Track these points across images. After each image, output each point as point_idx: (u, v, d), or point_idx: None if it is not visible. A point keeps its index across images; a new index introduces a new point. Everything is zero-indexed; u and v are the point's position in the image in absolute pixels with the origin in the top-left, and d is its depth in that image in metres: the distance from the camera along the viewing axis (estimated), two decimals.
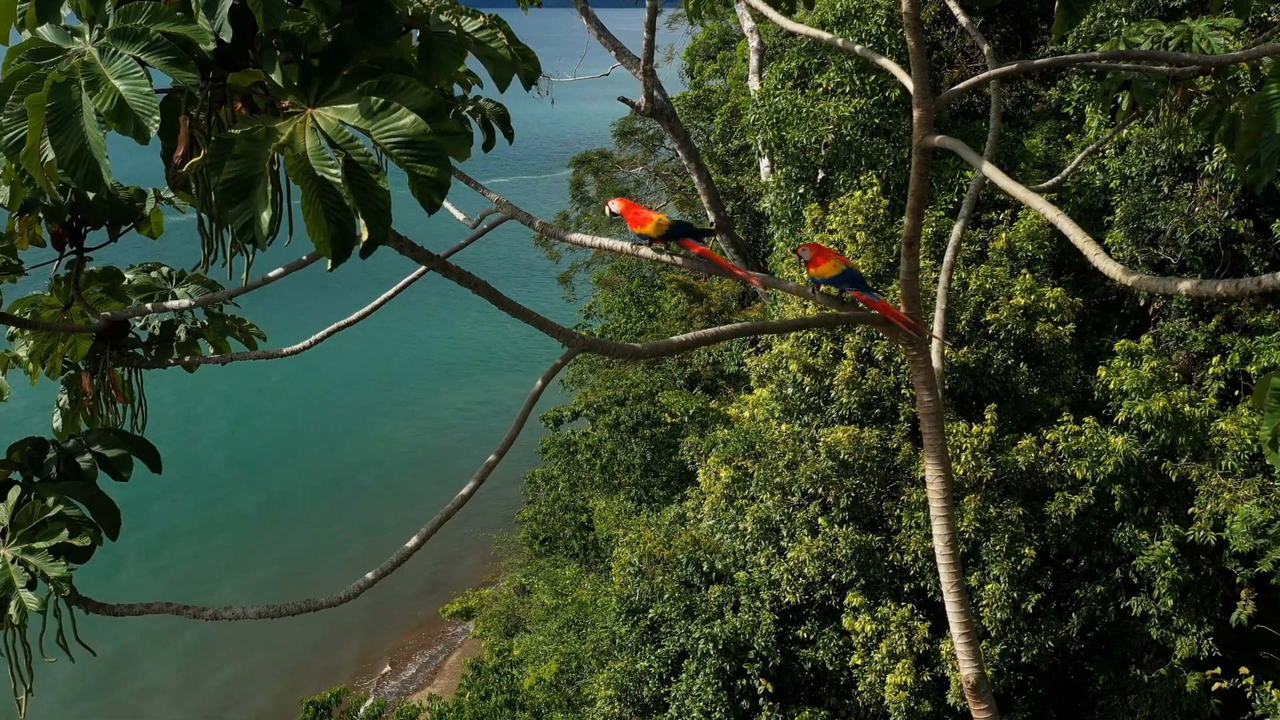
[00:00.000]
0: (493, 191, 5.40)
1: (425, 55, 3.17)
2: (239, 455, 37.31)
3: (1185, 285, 3.28)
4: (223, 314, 5.22)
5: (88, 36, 2.71)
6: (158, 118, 2.59)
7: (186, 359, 5.09)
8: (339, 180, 2.59)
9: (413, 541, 3.56)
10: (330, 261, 2.71)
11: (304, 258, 3.33)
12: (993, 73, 5.16)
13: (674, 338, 4.24)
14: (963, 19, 6.66)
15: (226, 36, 2.71)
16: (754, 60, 22.41)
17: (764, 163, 19.92)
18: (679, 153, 20.47)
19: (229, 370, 40.76)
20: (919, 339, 5.59)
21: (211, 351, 5.29)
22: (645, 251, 5.15)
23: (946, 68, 17.38)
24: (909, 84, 4.95)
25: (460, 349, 46.68)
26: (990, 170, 4.09)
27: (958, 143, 4.30)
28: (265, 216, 2.60)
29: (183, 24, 2.63)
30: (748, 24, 22.42)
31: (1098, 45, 14.23)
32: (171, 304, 4.26)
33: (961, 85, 5.14)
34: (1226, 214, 14.62)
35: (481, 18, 3.40)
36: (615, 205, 5.46)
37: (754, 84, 20.79)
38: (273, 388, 41.44)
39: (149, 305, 4.36)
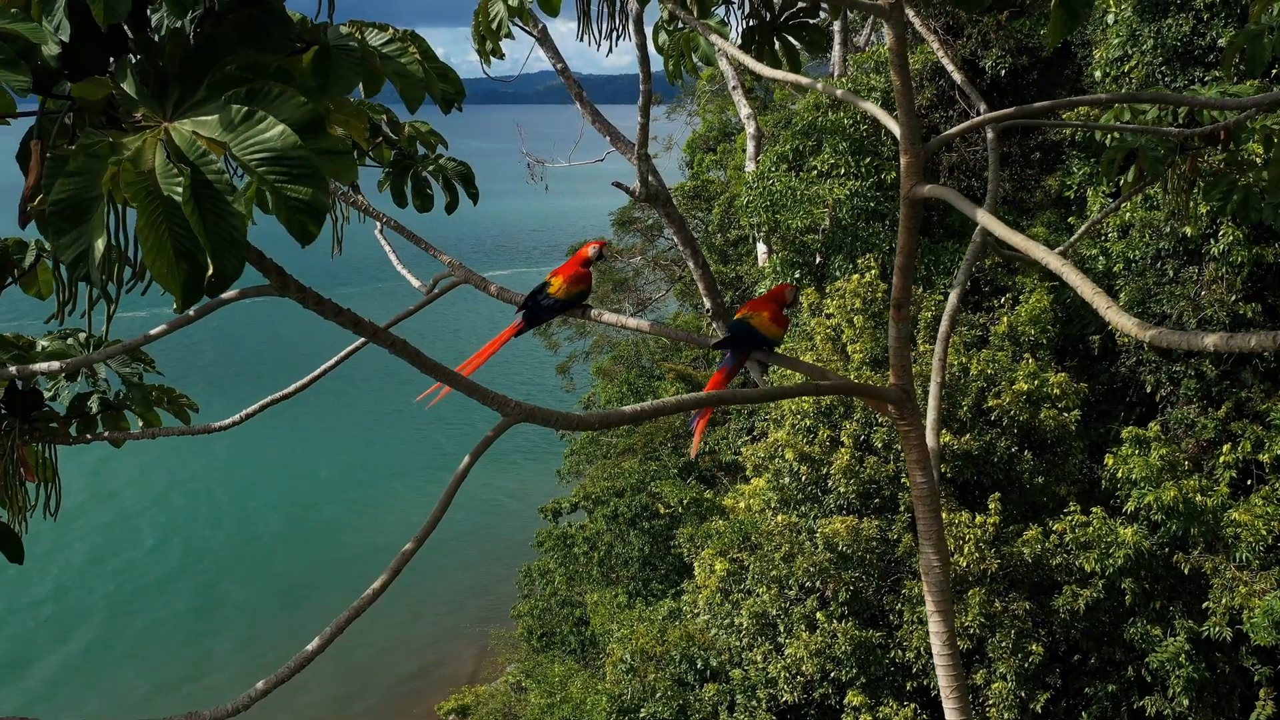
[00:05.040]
0: (445, 254, 5.02)
1: (321, 69, 2.78)
2: (198, 549, 36.37)
3: (1211, 339, 2.86)
4: (143, 384, 4.79)
5: None
6: None
7: (104, 435, 4.65)
8: (182, 200, 2.17)
9: (313, 645, 3.07)
10: (178, 301, 2.27)
11: (190, 312, 2.89)
12: (989, 116, 4.80)
13: (626, 407, 3.81)
14: (957, 76, 6.34)
15: (65, 35, 2.33)
16: (751, 147, 22.29)
17: (761, 248, 19.68)
18: (675, 238, 20.22)
19: (188, 456, 40.47)
20: (909, 413, 5.13)
21: (141, 425, 4.86)
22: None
23: (945, 151, 17.14)
24: (895, 129, 4.57)
25: (453, 442, 45.93)
26: (986, 219, 3.69)
27: (950, 191, 3.91)
28: (100, 246, 2.18)
29: (17, 20, 2.25)
30: (744, 110, 22.34)
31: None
32: (37, 366, 3.77)
33: (955, 130, 4.76)
34: (1234, 298, 14.26)
35: (391, 30, 3.02)
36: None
37: (750, 169, 20.64)
38: (244, 480, 40.72)
39: (12, 369, 3.88)
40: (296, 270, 3.04)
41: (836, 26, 22.78)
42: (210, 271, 2.22)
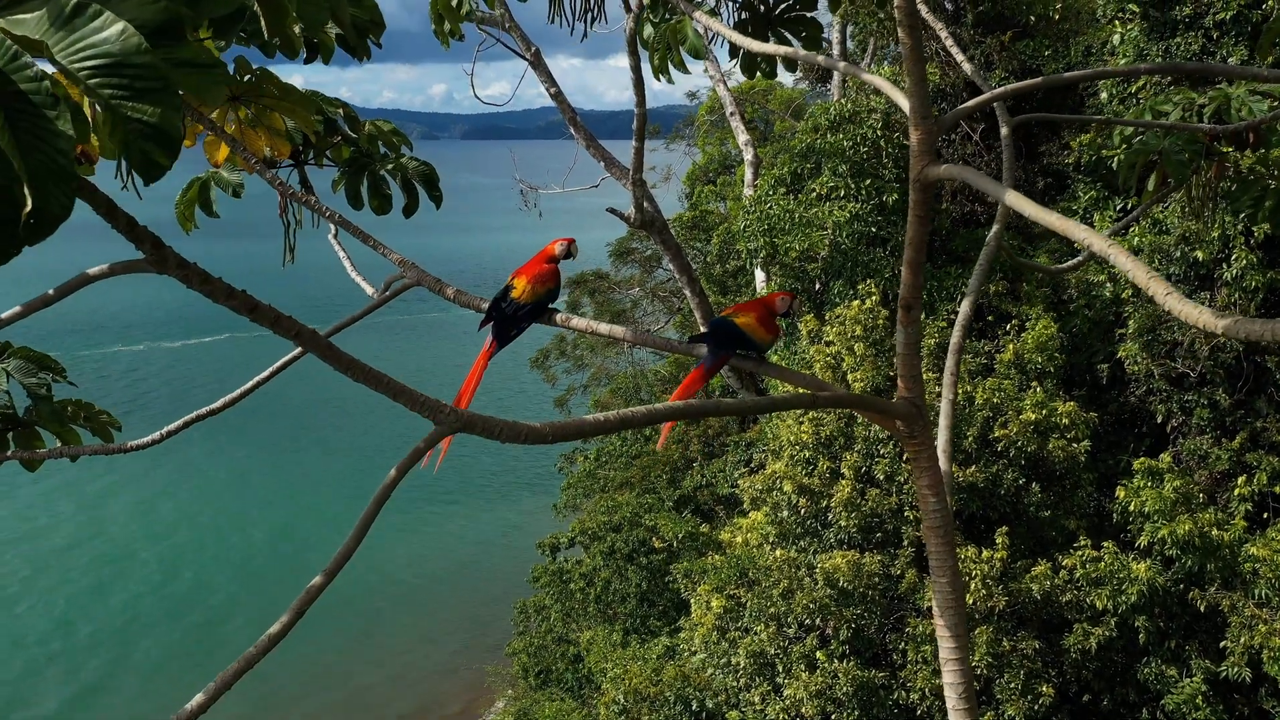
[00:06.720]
0: (395, 252, 4.54)
1: None
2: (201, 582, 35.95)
3: None
4: (51, 396, 4.27)
5: None
6: None
7: (10, 455, 4.13)
8: None
9: (195, 701, 2.53)
10: None
11: (50, 291, 2.39)
12: (1010, 88, 4.34)
13: (588, 416, 3.32)
14: (967, 66, 5.89)
15: None
16: (749, 174, 21.95)
17: (759, 274, 19.24)
18: (670, 265, 19.80)
19: (216, 487, 40.38)
20: (919, 430, 4.61)
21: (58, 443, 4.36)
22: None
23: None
24: (903, 103, 4.09)
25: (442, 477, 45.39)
26: (1015, 198, 3.22)
27: (968, 170, 3.43)
28: None
29: None
30: (743, 137, 22.02)
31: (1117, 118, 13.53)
32: None
33: (972, 103, 4.28)
34: None
35: None
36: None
37: (749, 194, 20.26)
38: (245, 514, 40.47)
39: None
40: (299, 299, 2.56)
41: (837, 52, 22.47)
42: (27, 209, 1.68)
